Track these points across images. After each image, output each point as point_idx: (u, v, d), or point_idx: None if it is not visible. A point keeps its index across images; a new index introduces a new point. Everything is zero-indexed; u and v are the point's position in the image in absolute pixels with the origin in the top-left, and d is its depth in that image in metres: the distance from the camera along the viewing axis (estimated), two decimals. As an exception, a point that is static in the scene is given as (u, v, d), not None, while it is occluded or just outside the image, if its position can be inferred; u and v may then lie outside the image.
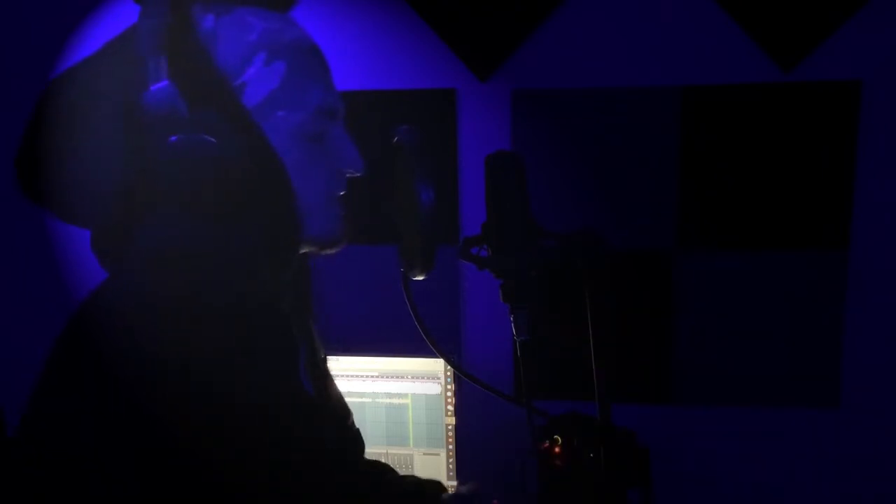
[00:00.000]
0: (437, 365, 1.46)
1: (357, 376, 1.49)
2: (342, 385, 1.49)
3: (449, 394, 1.47)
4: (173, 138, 0.71)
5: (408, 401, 1.48)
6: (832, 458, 1.59)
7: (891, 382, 1.56)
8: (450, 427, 1.48)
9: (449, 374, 1.46)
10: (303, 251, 0.86)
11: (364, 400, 1.49)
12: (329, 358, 1.45)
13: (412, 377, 1.48)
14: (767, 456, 1.61)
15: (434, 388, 1.47)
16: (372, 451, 1.50)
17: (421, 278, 0.86)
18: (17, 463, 0.70)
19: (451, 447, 1.48)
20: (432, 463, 1.49)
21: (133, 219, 0.74)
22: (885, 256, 1.52)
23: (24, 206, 0.79)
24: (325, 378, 0.99)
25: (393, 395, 1.48)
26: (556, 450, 1.36)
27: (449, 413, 1.47)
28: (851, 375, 1.56)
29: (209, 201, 0.73)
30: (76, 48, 1.47)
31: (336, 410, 1.00)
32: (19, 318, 1.79)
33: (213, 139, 0.71)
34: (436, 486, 1.15)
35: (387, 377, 1.48)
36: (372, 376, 1.49)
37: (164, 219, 0.74)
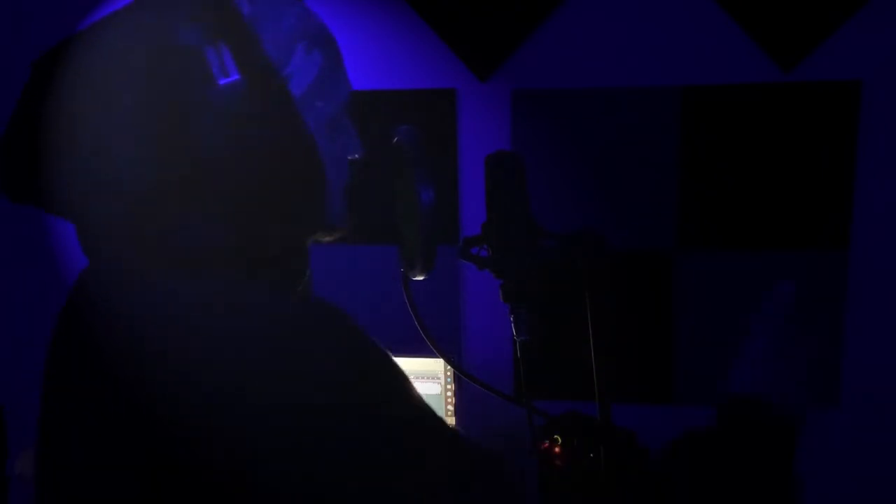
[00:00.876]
0: (437, 365, 1.46)
1: (357, 376, 1.49)
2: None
3: (449, 394, 1.47)
4: (247, 132, 0.66)
5: (408, 401, 1.48)
6: (832, 458, 1.59)
7: (891, 382, 1.56)
8: (450, 427, 1.48)
9: (449, 374, 1.46)
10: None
11: (364, 400, 1.49)
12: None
13: (412, 377, 1.48)
14: (767, 456, 1.61)
15: (434, 388, 1.47)
16: (372, 451, 1.50)
17: (421, 278, 0.86)
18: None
19: (451, 447, 1.48)
20: (432, 463, 1.49)
21: (161, 217, 0.68)
22: (885, 256, 1.52)
23: (23, 206, 0.78)
24: None
25: (393, 395, 1.48)
26: (556, 450, 1.36)
27: (449, 413, 1.47)
28: (851, 375, 1.56)
29: (254, 199, 0.69)
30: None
31: None
32: (19, 318, 1.79)
33: (274, 136, 0.68)
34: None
35: (387, 377, 1.48)
36: (372, 376, 1.49)
37: (199, 217, 0.68)
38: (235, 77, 0.66)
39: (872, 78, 1.47)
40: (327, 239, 0.85)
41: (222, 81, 0.65)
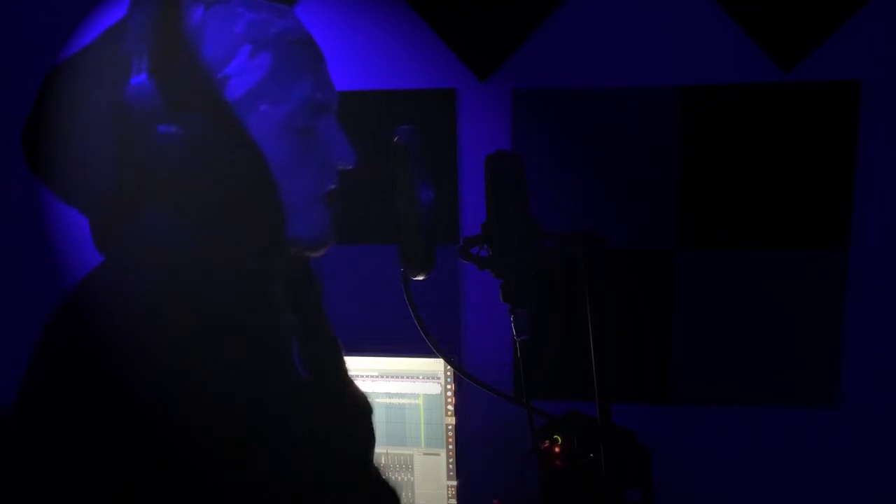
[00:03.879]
0: (437, 365, 1.46)
1: (357, 376, 1.48)
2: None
3: (449, 394, 1.47)
4: (157, 129, 0.72)
5: (408, 401, 1.48)
6: (832, 458, 1.59)
7: (891, 382, 1.56)
8: (450, 427, 1.48)
9: (449, 374, 1.46)
10: (293, 250, 0.86)
11: (364, 400, 1.49)
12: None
13: (412, 377, 1.48)
14: (767, 456, 1.61)
15: (434, 388, 1.47)
16: (372, 451, 1.50)
17: (421, 278, 0.86)
18: (9, 458, 0.70)
19: (451, 447, 1.48)
20: (432, 463, 1.49)
21: (123, 213, 0.76)
22: (885, 256, 1.52)
23: (23, 206, 0.79)
24: (334, 371, 0.99)
25: (393, 395, 1.48)
26: (556, 450, 1.36)
27: (449, 413, 1.47)
28: (851, 375, 1.56)
29: (190, 197, 0.74)
30: (75, 43, 1.47)
31: (351, 402, 1.00)
32: (19, 318, 1.79)
33: (184, 133, 0.72)
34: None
35: (387, 377, 1.48)
36: (372, 376, 1.49)
37: (150, 216, 0.75)
38: (143, 77, 0.72)
39: (872, 78, 1.47)
40: (310, 254, 0.86)
41: (132, 81, 0.72)
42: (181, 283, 0.74)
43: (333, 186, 0.84)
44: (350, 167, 0.84)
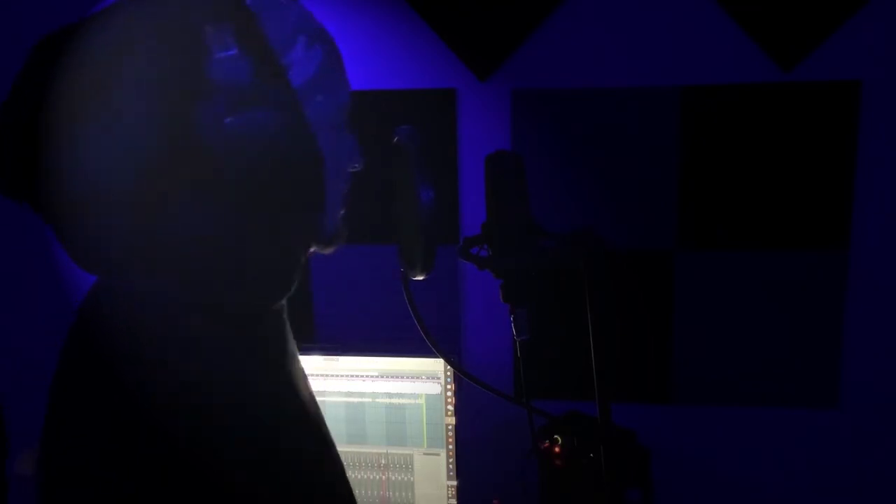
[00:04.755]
0: (437, 365, 1.46)
1: (357, 376, 1.49)
2: (342, 385, 1.50)
3: (449, 394, 1.47)
4: (229, 118, 0.64)
5: (408, 401, 1.48)
6: (831, 458, 1.59)
7: (890, 382, 1.56)
8: (450, 427, 1.48)
9: (449, 374, 1.46)
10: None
11: (364, 400, 1.49)
12: (329, 358, 1.45)
13: (412, 377, 1.48)
14: (767, 456, 1.62)
15: (434, 388, 1.47)
16: (372, 451, 1.51)
17: (421, 278, 0.86)
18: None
19: (451, 447, 1.48)
20: (432, 463, 1.49)
21: (150, 208, 0.66)
22: (885, 256, 1.52)
23: (23, 206, 0.78)
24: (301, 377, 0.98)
25: (393, 395, 1.48)
26: (556, 450, 1.36)
27: (449, 413, 1.47)
28: (851, 375, 1.56)
29: (255, 187, 0.68)
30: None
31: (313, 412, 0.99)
32: (19, 318, 1.79)
33: (272, 116, 0.66)
34: None
35: (387, 377, 1.48)
36: (372, 376, 1.49)
37: (185, 206, 0.66)
38: (233, 51, 0.65)
39: (872, 78, 1.47)
40: (327, 250, 0.85)
41: (220, 54, 0.64)
42: (211, 285, 0.71)
43: (347, 188, 0.84)
44: (357, 168, 0.84)
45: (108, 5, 0.68)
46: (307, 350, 1.49)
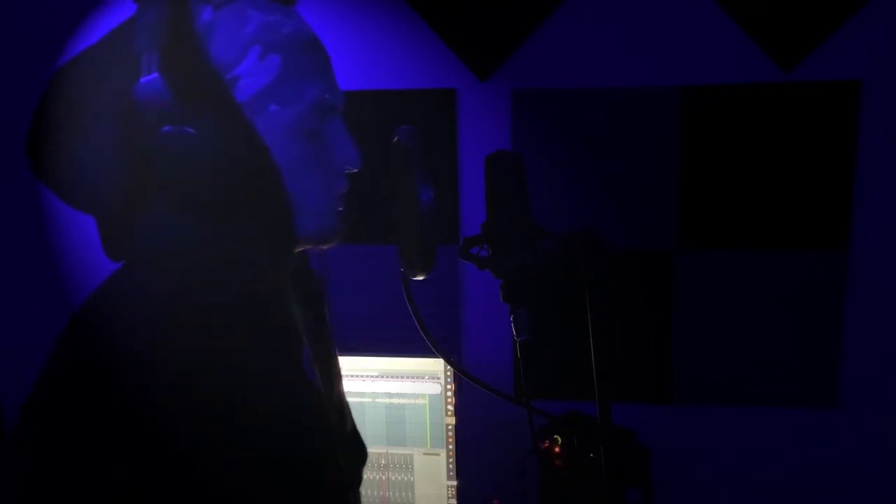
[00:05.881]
0: (437, 365, 1.46)
1: (357, 376, 1.49)
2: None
3: (449, 394, 1.47)
4: (164, 129, 0.71)
5: (408, 401, 1.48)
6: (831, 458, 1.59)
7: (890, 382, 1.56)
8: (450, 427, 1.48)
9: (449, 374, 1.46)
10: (300, 248, 0.86)
11: (364, 400, 1.49)
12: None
13: (412, 377, 1.48)
14: (767, 456, 1.62)
15: (434, 388, 1.47)
16: (372, 451, 1.50)
17: (421, 278, 0.86)
18: (17, 464, 0.70)
19: (451, 447, 1.48)
20: (432, 463, 1.49)
21: (131, 213, 0.75)
22: (885, 256, 1.52)
23: (22, 206, 0.78)
24: (334, 377, 0.99)
25: (393, 395, 1.49)
26: (556, 450, 1.36)
27: (449, 413, 1.48)
28: (851, 375, 1.56)
29: (199, 197, 0.74)
30: (78, 43, 1.47)
31: (348, 410, 1.00)
32: (19, 318, 1.79)
33: (194, 132, 0.72)
34: None
35: (387, 377, 1.48)
36: (372, 376, 1.49)
37: (158, 216, 0.74)
38: (154, 76, 0.71)
39: (872, 78, 1.47)
40: (320, 247, 0.86)
41: (143, 80, 0.72)
42: (191, 285, 0.73)
43: (344, 189, 0.84)
44: (355, 169, 0.84)
45: (104, 36, 0.79)
46: (307, 350, 1.48)
